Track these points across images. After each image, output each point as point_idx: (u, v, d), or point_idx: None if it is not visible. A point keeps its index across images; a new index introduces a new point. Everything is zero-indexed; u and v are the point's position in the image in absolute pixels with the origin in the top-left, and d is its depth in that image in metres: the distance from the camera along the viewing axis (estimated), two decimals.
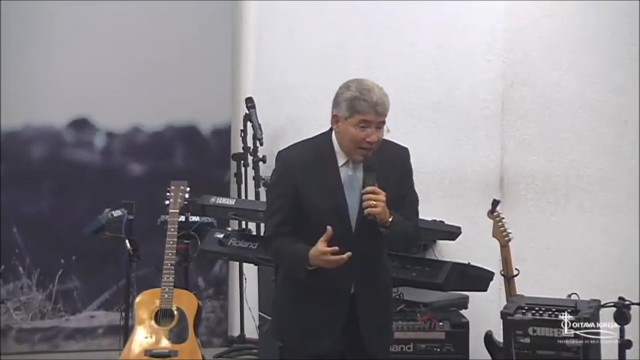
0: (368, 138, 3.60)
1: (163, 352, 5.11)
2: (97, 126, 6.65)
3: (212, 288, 6.81)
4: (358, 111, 3.59)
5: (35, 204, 6.57)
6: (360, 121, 3.59)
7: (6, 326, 6.51)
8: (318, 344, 3.68)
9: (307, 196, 3.65)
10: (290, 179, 3.68)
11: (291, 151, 3.78)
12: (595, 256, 5.75)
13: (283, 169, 3.73)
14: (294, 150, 3.78)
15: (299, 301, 3.73)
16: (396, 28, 6.26)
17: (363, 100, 3.58)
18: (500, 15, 5.89)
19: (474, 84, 5.97)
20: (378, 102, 3.59)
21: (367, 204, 3.57)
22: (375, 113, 3.59)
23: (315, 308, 3.68)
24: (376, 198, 3.57)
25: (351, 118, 3.60)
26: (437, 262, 5.11)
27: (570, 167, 5.81)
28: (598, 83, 5.78)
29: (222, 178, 6.79)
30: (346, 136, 3.64)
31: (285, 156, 3.76)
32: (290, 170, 3.70)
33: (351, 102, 3.60)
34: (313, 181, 3.66)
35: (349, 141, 3.63)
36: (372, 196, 3.58)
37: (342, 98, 3.63)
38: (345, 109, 3.61)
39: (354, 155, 3.65)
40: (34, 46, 6.51)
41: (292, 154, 3.75)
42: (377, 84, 3.67)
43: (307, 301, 3.70)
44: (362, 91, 3.60)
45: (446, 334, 5.15)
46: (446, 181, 6.00)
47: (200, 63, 6.72)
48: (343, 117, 3.63)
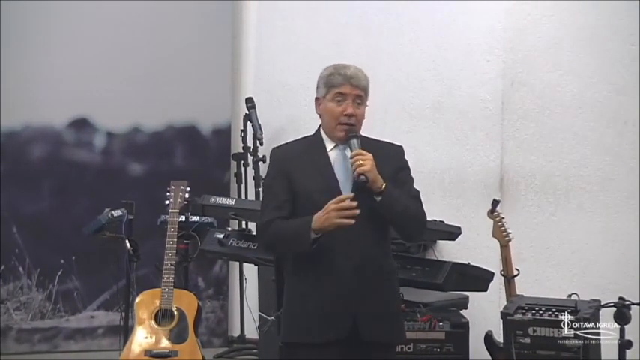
0: (345, 111, 3.67)
1: (163, 352, 5.11)
2: (97, 126, 6.66)
3: (212, 288, 6.81)
4: (333, 84, 3.69)
5: (35, 204, 6.57)
6: (336, 95, 3.68)
7: (6, 326, 6.51)
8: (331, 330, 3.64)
9: (299, 181, 3.68)
10: (281, 168, 3.73)
11: (282, 146, 3.88)
12: (595, 256, 5.75)
13: (274, 161, 3.80)
14: (285, 145, 3.88)
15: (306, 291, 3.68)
16: (396, 28, 6.26)
17: (338, 74, 3.70)
18: (500, 15, 5.89)
19: (474, 84, 5.97)
20: (353, 75, 3.69)
21: (356, 165, 3.58)
22: (350, 85, 3.67)
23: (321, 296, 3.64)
24: (363, 157, 3.59)
25: (328, 94, 3.70)
26: (437, 262, 5.11)
27: (570, 167, 5.81)
28: (597, 83, 5.78)
29: (222, 178, 6.79)
30: (327, 115, 3.72)
31: (275, 151, 3.84)
32: (281, 160, 3.77)
33: (327, 78, 3.71)
34: (304, 166, 3.70)
35: (329, 118, 3.70)
36: (359, 157, 3.60)
37: (320, 78, 3.75)
38: (322, 88, 3.72)
39: (337, 132, 3.70)
40: (34, 46, 6.51)
41: (283, 147, 3.86)
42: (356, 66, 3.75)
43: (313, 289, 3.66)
44: (337, 67, 3.73)
45: (446, 334, 5.15)
46: (446, 181, 6.00)
47: (200, 63, 6.73)
48: (321, 95, 3.72)
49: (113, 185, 6.54)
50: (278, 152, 3.82)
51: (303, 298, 3.70)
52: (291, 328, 3.76)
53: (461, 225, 5.31)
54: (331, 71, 3.72)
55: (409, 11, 6.22)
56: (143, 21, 6.65)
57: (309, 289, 3.68)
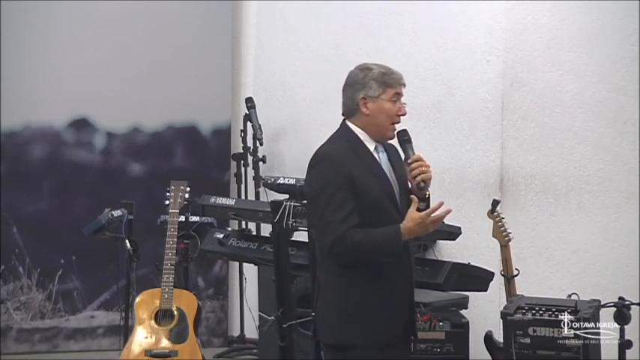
0: (399, 111, 3.68)
1: (163, 352, 5.12)
2: (96, 126, 6.66)
3: (212, 288, 6.81)
4: (390, 85, 3.66)
5: (35, 204, 6.57)
6: (394, 95, 3.66)
7: (6, 326, 6.51)
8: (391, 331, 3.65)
9: (362, 184, 3.59)
10: (344, 172, 3.58)
11: (329, 147, 3.69)
12: (595, 256, 5.76)
13: (333, 163, 3.60)
14: (331, 146, 3.69)
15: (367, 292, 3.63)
16: (396, 28, 6.26)
17: (390, 74, 3.67)
18: (501, 15, 5.88)
19: (474, 84, 5.97)
20: (401, 76, 3.71)
21: (419, 170, 3.60)
22: (402, 86, 3.71)
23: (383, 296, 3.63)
24: (425, 164, 3.63)
25: (384, 94, 3.65)
26: (437, 262, 5.10)
27: (570, 167, 5.81)
28: (598, 83, 5.78)
29: (222, 178, 6.79)
30: (382, 114, 3.66)
31: (327, 154, 3.65)
32: (341, 164, 3.59)
33: (382, 77, 3.66)
34: (360, 171, 3.61)
35: (385, 117, 3.66)
36: (420, 162, 3.62)
37: (370, 78, 3.66)
38: (376, 87, 3.65)
39: (388, 132, 3.69)
40: (34, 46, 6.51)
41: (333, 149, 3.66)
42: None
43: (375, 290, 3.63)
44: (385, 67, 3.70)
45: (446, 334, 5.15)
46: (446, 181, 6.00)
47: (200, 63, 6.72)
48: (375, 95, 3.65)
49: (113, 185, 6.54)
50: (331, 154, 3.62)
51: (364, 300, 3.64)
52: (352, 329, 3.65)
53: (461, 225, 5.29)
54: (383, 71, 3.68)
55: (409, 11, 6.22)
56: (143, 21, 6.65)
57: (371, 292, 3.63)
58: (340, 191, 3.55)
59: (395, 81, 3.67)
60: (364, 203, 3.58)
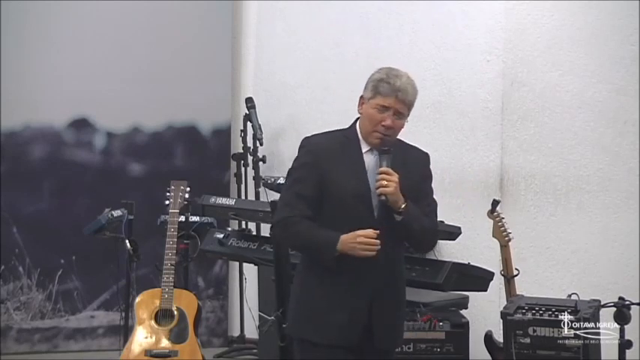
0: (383, 122, 3.62)
1: (163, 352, 5.12)
2: (96, 126, 6.66)
3: (212, 288, 6.81)
4: (380, 92, 3.63)
5: (35, 204, 6.57)
6: (379, 105, 3.62)
7: (6, 326, 6.51)
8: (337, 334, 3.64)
9: (332, 181, 3.62)
10: (315, 164, 3.65)
11: (317, 137, 3.76)
12: (595, 256, 5.76)
13: (308, 154, 3.69)
14: (320, 136, 3.77)
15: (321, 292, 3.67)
16: (396, 28, 6.26)
17: (387, 83, 3.63)
18: (501, 15, 5.88)
19: (474, 84, 5.97)
20: (401, 88, 3.63)
21: (379, 184, 3.58)
22: (396, 98, 3.62)
23: (337, 298, 3.64)
24: (389, 178, 3.58)
25: (372, 99, 3.64)
26: (437, 262, 5.10)
27: (570, 167, 5.81)
28: (598, 83, 5.78)
29: (222, 178, 6.79)
30: (366, 118, 3.66)
31: (310, 141, 3.73)
32: (315, 156, 3.67)
33: (376, 83, 3.65)
34: (337, 167, 3.64)
35: (368, 121, 3.65)
36: (384, 176, 3.59)
37: (370, 80, 3.68)
38: (369, 90, 3.66)
39: (370, 137, 3.66)
40: (34, 46, 6.51)
41: (317, 140, 3.74)
42: (409, 75, 3.71)
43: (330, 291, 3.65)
44: (389, 74, 3.66)
45: (446, 334, 5.15)
46: (446, 181, 6.00)
47: (200, 63, 6.73)
48: (367, 98, 3.66)
49: (113, 185, 6.54)
50: (312, 144, 3.71)
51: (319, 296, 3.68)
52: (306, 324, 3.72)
53: (461, 225, 5.31)
54: (382, 77, 3.64)
55: (409, 11, 6.21)
56: (143, 21, 6.65)
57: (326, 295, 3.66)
58: (305, 177, 3.65)
59: (387, 91, 3.61)
60: (329, 200, 3.63)
